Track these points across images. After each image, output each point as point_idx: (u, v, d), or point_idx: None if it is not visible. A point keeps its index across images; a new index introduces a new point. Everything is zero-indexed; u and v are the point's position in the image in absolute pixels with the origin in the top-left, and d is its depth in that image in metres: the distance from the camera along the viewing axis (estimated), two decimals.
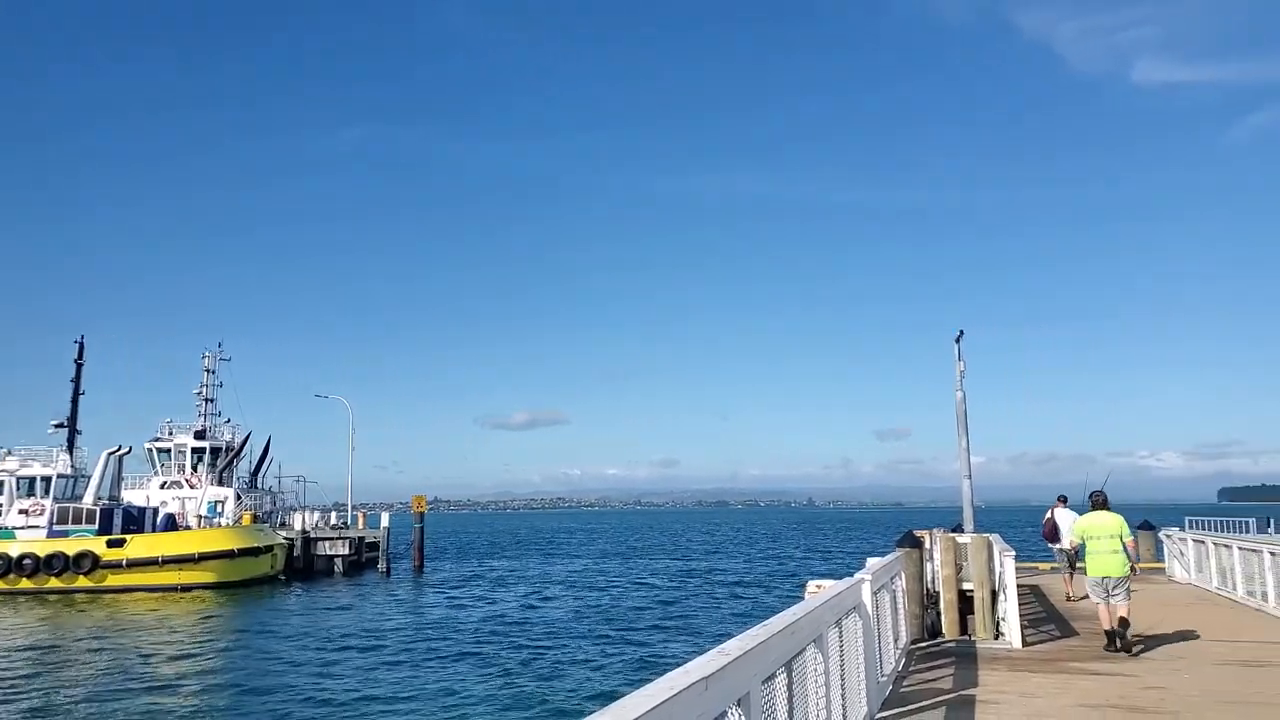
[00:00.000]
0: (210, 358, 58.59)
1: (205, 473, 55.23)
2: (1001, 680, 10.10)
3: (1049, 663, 11.28)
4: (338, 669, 23.72)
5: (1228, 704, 8.83)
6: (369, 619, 33.82)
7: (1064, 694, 9.39)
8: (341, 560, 54.85)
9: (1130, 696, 9.23)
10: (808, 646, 5.87)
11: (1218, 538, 19.81)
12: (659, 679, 3.25)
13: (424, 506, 58.46)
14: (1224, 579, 18.68)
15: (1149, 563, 27.26)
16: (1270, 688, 9.61)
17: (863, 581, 8.52)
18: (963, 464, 24.60)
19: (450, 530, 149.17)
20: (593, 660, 24.85)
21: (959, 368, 25.37)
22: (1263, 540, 17.81)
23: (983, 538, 15.56)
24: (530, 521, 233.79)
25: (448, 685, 21.52)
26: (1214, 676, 10.26)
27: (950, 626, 15.28)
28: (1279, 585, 15.40)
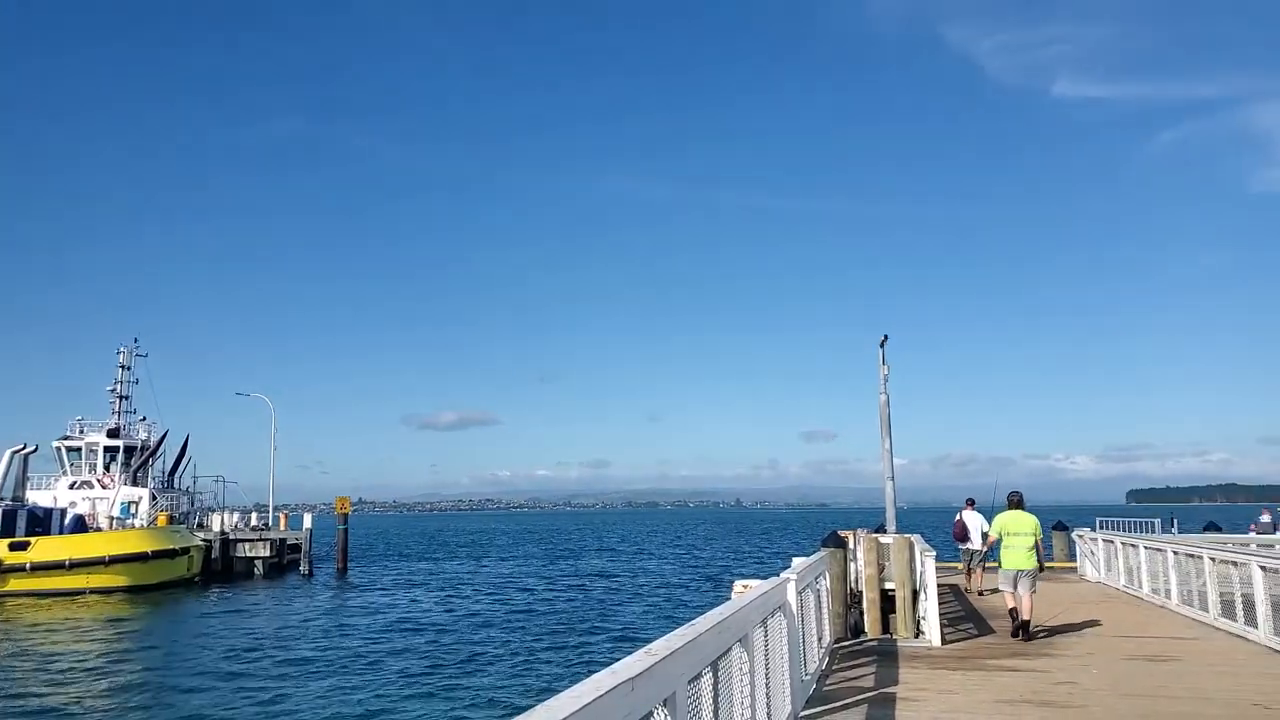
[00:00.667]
0: (125, 353, 56.46)
1: (118, 472, 53.24)
2: (921, 678, 10.33)
3: (967, 660, 11.58)
4: (252, 675, 23.10)
5: (1133, 697, 9.19)
6: (288, 623, 33.03)
7: (981, 690, 9.65)
8: (262, 562, 53.48)
9: (1043, 692, 9.53)
10: (734, 646, 5.92)
11: (1125, 537, 20.59)
12: (586, 680, 3.24)
13: (348, 507, 57.33)
14: (1131, 577, 19.42)
15: (1062, 562, 28.23)
16: (1172, 681, 10.03)
17: (788, 581, 8.63)
18: (886, 466, 25.11)
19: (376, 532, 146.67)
20: (519, 662, 24.70)
21: (883, 371, 25.89)
22: (1166, 540, 18.57)
23: (904, 538, 15.89)
24: (458, 523, 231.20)
25: (369, 690, 21.14)
26: (1121, 671, 10.66)
27: (873, 625, 15.57)
28: (1181, 583, 16.07)
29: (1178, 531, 27.26)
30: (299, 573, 53.33)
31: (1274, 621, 12.10)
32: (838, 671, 10.87)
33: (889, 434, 25.67)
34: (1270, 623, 12.20)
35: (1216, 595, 14.24)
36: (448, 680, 22.19)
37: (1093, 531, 24.22)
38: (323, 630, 31.00)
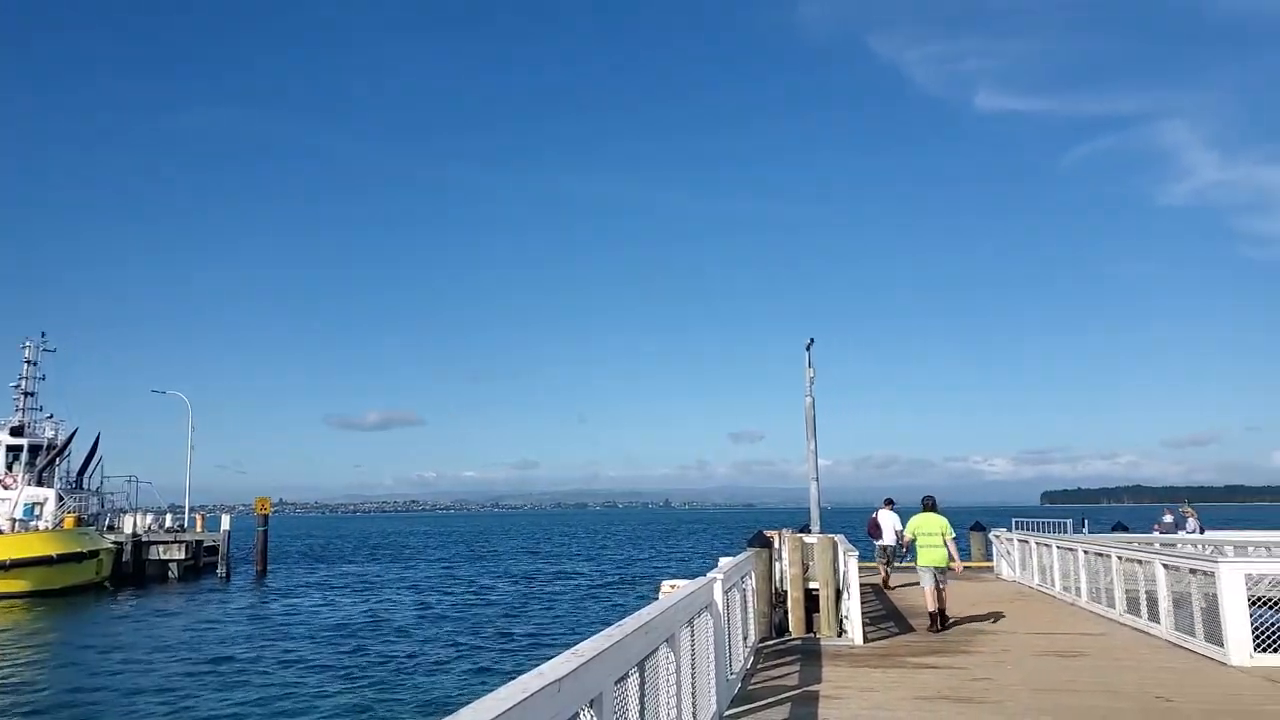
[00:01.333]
0: (31, 348, 54.02)
1: (22, 472, 50.93)
2: (844, 676, 10.51)
3: (887, 658, 11.82)
4: (161, 683, 22.34)
5: (1044, 691, 9.50)
6: (202, 627, 32.04)
7: (900, 687, 9.87)
8: (176, 565, 51.79)
9: (960, 688, 9.79)
10: (660, 646, 5.94)
11: (1039, 537, 21.27)
12: (512, 682, 3.21)
13: (269, 508, 55.88)
14: (1044, 576, 20.06)
15: (979, 561, 29.01)
16: (1081, 676, 10.40)
17: (715, 581, 8.70)
18: (811, 466, 25.55)
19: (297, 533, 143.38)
20: (444, 665, 24.40)
21: (809, 374, 26.34)
22: (1077, 540, 19.24)
23: (828, 538, 16.16)
24: (382, 524, 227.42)
25: (286, 696, 20.65)
26: (1033, 667, 11.01)
27: (797, 624, 15.80)
28: (1090, 581, 16.67)
29: (1088, 531, 28.25)
30: (216, 576, 51.80)
31: (1174, 617, 12.64)
32: (762, 671, 10.99)
33: (814, 435, 26.12)
34: (1171, 618, 12.73)
35: (1123, 592, 14.81)
36: (370, 685, 21.80)
37: (1008, 532, 24.96)
38: (238, 635, 30.16)
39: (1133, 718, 8.32)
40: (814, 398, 26.16)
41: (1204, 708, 8.68)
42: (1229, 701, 8.94)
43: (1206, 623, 11.59)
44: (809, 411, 26.03)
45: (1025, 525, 30.31)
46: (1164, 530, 26.47)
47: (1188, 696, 9.17)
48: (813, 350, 26.43)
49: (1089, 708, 8.71)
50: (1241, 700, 9.00)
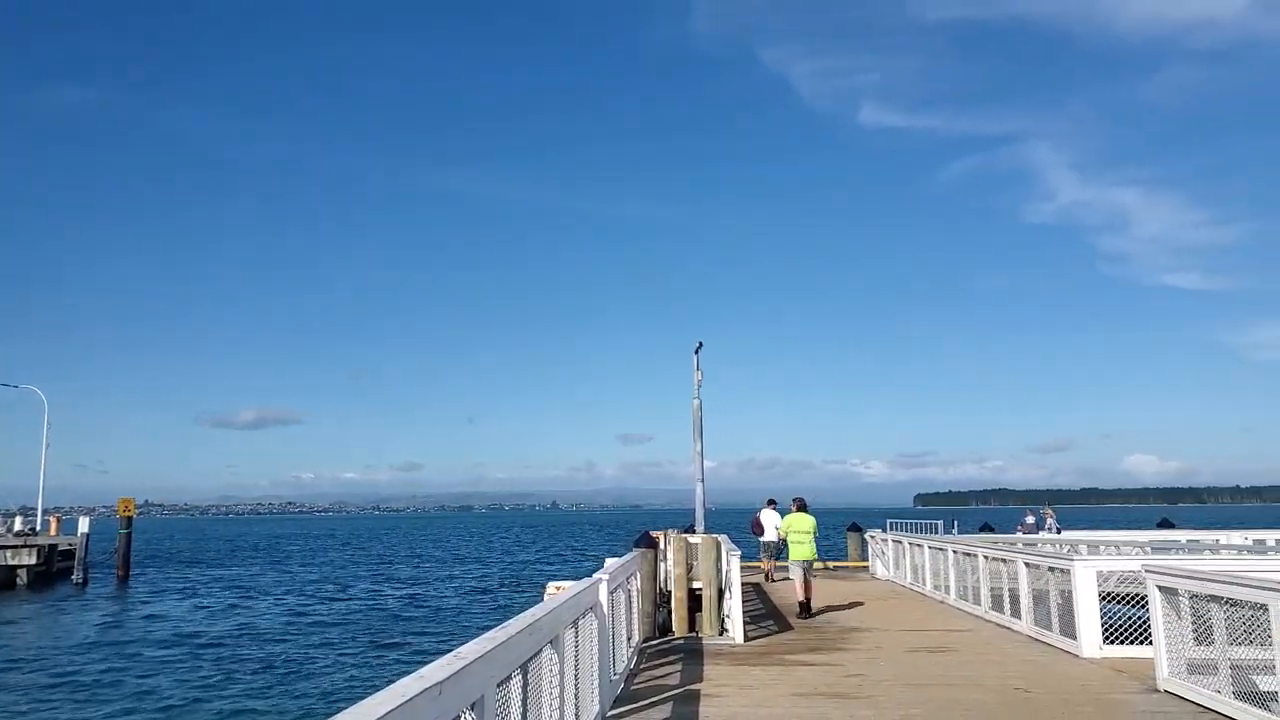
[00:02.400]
0: None
1: None
2: (725, 674, 10.70)
3: (767, 656, 12.09)
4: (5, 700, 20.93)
5: (915, 686, 9.89)
6: (54, 637, 30.13)
7: (779, 684, 10.11)
8: (26, 571, 48.50)
9: (836, 684, 10.10)
10: (544, 647, 5.93)
11: (911, 538, 22.13)
12: (391, 686, 3.15)
13: (132, 510, 53.00)
14: (916, 575, 20.88)
15: (856, 561, 29.96)
16: (949, 670, 10.88)
17: (600, 581, 8.73)
18: (697, 468, 25.88)
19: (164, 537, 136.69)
20: (320, 673, 23.66)
21: (697, 377, 26.70)
22: (947, 540, 20.09)
23: (712, 538, 16.41)
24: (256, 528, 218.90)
25: (150, 709, 19.64)
26: (905, 662, 11.46)
27: (680, 624, 15.98)
28: (959, 580, 17.45)
29: (957, 532, 29.53)
30: (72, 582, 48.82)
31: (1034, 613, 13.36)
32: (645, 670, 11.08)
33: (700, 437, 26.48)
34: (1031, 614, 13.45)
35: (988, 590, 15.56)
36: (239, 695, 20.95)
37: (883, 533, 25.88)
38: (95, 644, 28.49)
39: (994, 708, 8.75)
40: (701, 400, 26.54)
41: (1057, 697, 9.21)
42: (1079, 691, 9.52)
43: (1062, 618, 12.29)
44: (696, 414, 26.37)
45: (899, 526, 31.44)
46: (1026, 531, 27.92)
47: (1043, 687, 9.71)
48: (701, 354, 26.81)
49: (955, 700, 9.12)
50: (1090, 689, 9.59)
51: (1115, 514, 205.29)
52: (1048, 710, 8.63)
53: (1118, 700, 9.07)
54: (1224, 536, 24.75)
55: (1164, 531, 27.38)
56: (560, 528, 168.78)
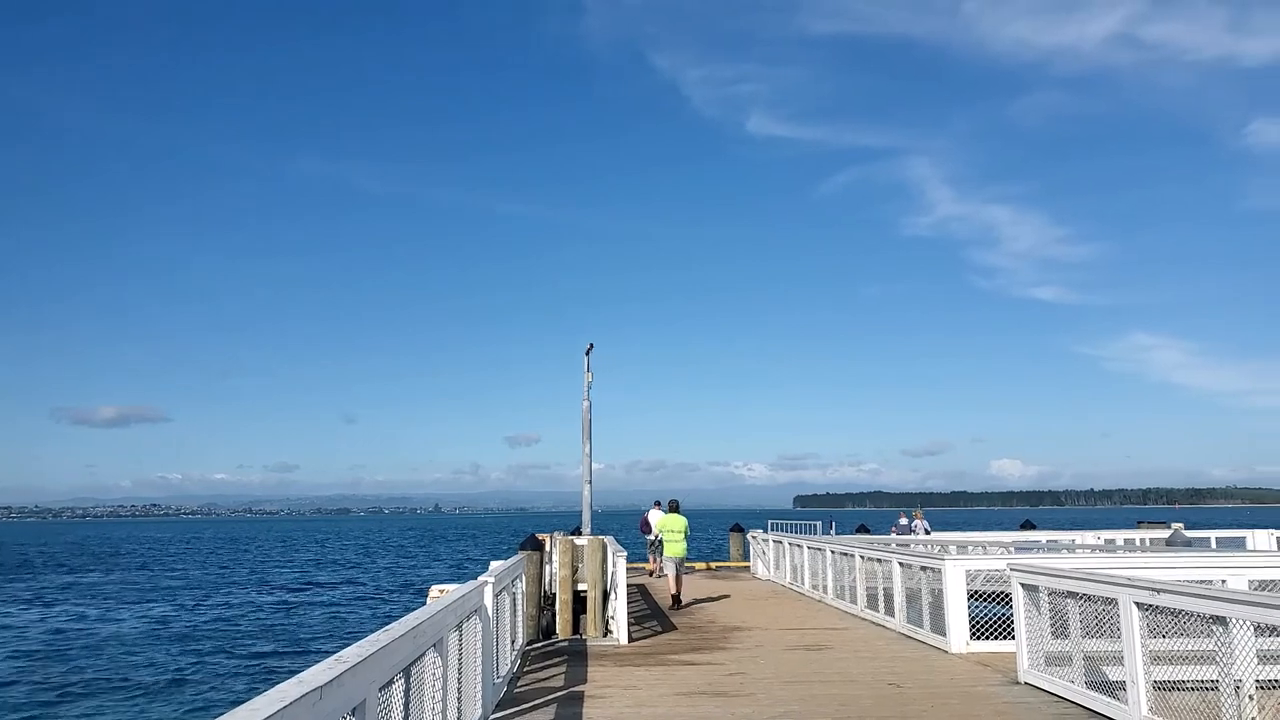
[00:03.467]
0: None
1: None
2: (608, 675, 10.74)
3: (650, 656, 12.19)
4: None
5: (793, 683, 10.15)
6: None
7: (662, 684, 10.21)
8: None
9: (717, 683, 10.27)
10: (428, 651, 5.83)
11: (791, 538, 22.69)
12: (269, 690, 3.05)
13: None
14: (795, 575, 21.43)
15: (738, 561, 30.54)
16: (825, 667, 11.21)
17: (485, 584, 8.64)
18: (585, 470, 25.89)
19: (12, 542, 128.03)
20: (185, 686, 22.57)
21: (587, 379, 26.72)
22: (825, 540, 20.67)
23: (599, 540, 16.46)
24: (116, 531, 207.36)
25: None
26: (784, 660, 11.74)
27: (564, 626, 15.98)
28: (836, 579, 17.99)
29: (835, 533, 30.43)
30: None
31: (907, 611, 13.90)
32: (529, 673, 11.01)
33: (589, 439, 26.52)
34: (904, 612, 13.98)
35: (864, 589, 16.10)
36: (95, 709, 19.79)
37: (764, 533, 26.44)
38: None
39: (867, 703, 9.07)
40: (591, 402, 26.57)
41: (926, 690, 9.61)
42: (946, 684, 9.96)
43: (933, 615, 12.83)
44: (585, 415, 26.38)
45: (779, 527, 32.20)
46: (900, 532, 28.99)
47: (914, 681, 10.12)
48: (591, 355, 26.84)
49: (830, 696, 9.41)
50: (956, 682, 10.05)
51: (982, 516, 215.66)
52: (916, 703, 9.00)
53: (981, 692, 9.52)
54: (1079, 536, 26.30)
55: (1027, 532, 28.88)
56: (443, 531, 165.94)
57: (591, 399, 26.20)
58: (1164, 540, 25.58)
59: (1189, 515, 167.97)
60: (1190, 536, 25.98)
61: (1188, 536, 25.82)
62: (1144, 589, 8.01)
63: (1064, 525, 37.42)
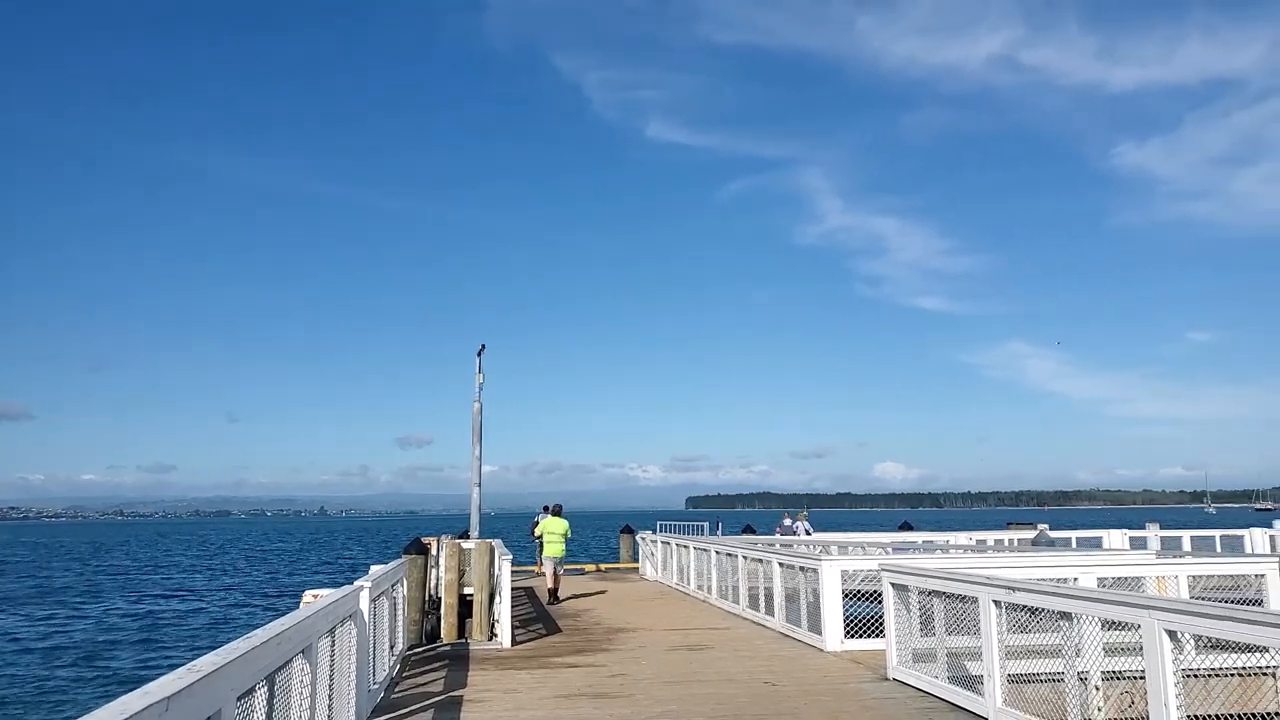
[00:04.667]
0: None
1: None
2: (489, 679, 10.68)
3: (533, 659, 12.18)
4: None
5: (673, 683, 10.30)
6: None
7: (543, 687, 10.22)
8: None
9: (598, 684, 10.33)
10: (296, 657, 5.70)
11: (679, 539, 22.98)
12: (111, 703, 2.95)
13: None
14: (682, 576, 21.71)
15: (628, 563, 30.73)
16: (705, 667, 11.41)
17: (361, 589, 8.49)
18: (474, 472, 25.61)
19: None
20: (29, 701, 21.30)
21: (478, 379, 26.44)
22: (710, 541, 21.02)
23: (486, 543, 16.33)
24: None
25: None
26: (666, 660, 11.90)
27: (449, 630, 15.80)
28: (721, 580, 18.31)
29: (721, 534, 30.95)
30: None
31: (786, 610, 14.26)
32: (409, 678, 10.86)
33: (479, 441, 26.23)
34: (784, 612, 14.35)
35: (746, 589, 16.44)
36: None
37: (653, 535, 26.69)
38: None
39: (742, 701, 9.28)
40: (482, 403, 26.30)
41: (800, 688, 9.90)
42: (820, 681, 10.28)
43: (810, 615, 13.21)
44: (476, 417, 26.10)
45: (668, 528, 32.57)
46: (784, 532, 29.70)
47: (789, 679, 10.40)
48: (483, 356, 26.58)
49: (707, 695, 9.59)
50: (829, 680, 10.38)
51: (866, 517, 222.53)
52: (789, 700, 9.27)
53: (852, 689, 9.86)
54: (953, 537, 27.48)
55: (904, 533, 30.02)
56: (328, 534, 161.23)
57: (483, 400, 25.96)
58: (1030, 540, 27.00)
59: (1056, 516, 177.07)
60: (1054, 537, 27.48)
61: (1051, 537, 27.31)
62: (1000, 587, 8.45)
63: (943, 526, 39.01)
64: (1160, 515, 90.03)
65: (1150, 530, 28.38)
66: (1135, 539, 26.83)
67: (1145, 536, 27.22)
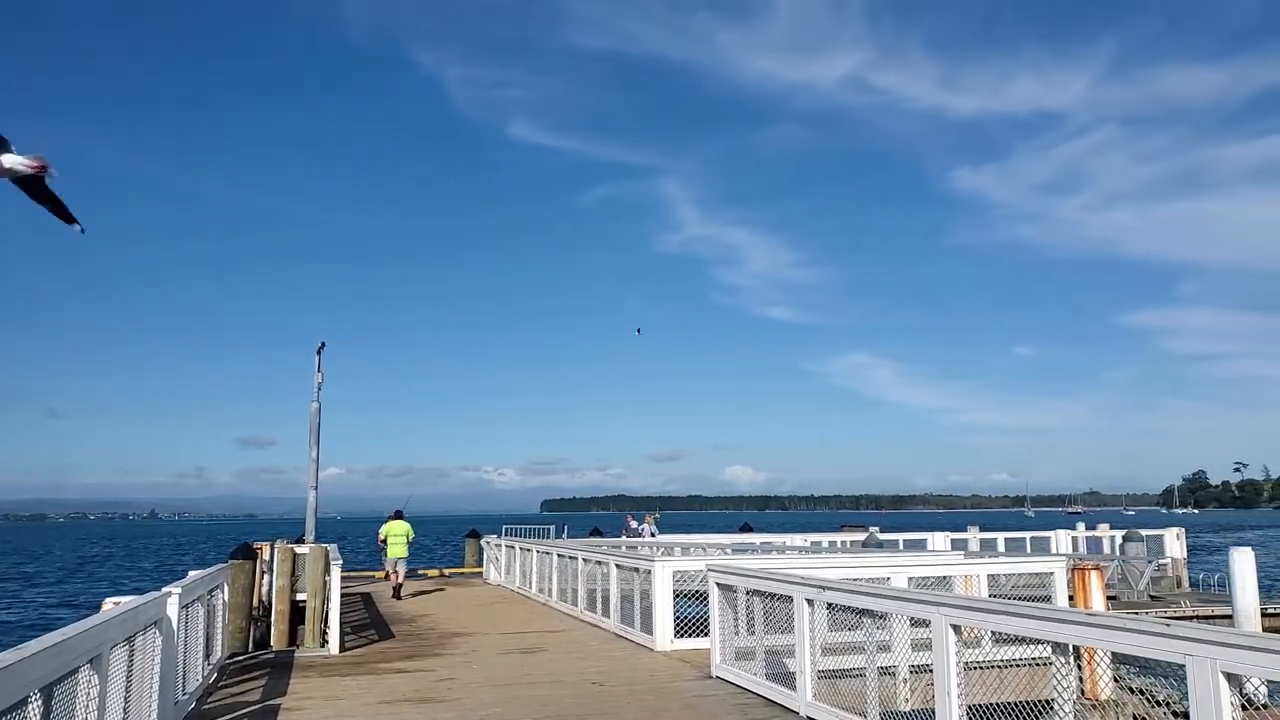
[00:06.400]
0: None
1: None
2: (312, 686, 10.38)
3: (361, 665, 11.92)
4: None
5: (501, 686, 10.30)
6: None
7: (368, 693, 10.02)
8: None
9: (426, 689, 10.22)
10: (82, 667, 5.42)
11: (522, 543, 22.97)
12: None
13: None
14: (525, 579, 21.68)
15: (472, 567, 30.45)
16: (536, 669, 11.46)
17: (169, 595, 8.12)
18: (311, 475, 24.76)
19: None
20: None
21: (318, 378, 25.59)
22: (553, 544, 21.12)
23: (321, 548, 15.88)
24: None
25: None
26: (498, 664, 11.89)
27: (279, 637, 15.28)
28: (561, 582, 18.41)
29: (567, 536, 31.11)
30: None
31: (621, 611, 14.48)
32: (225, 688, 10.43)
33: (317, 442, 25.38)
34: (619, 613, 14.56)
35: (585, 591, 16.59)
36: None
37: (498, 539, 26.55)
38: None
39: (568, 702, 9.39)
40: (321, 403, 25.48)
41: (626, 688, 10.10)
42: (646, 680, 10.52)
43: (643, 615, 13.46)
44: (314, 417, 25.27)
45: (518, 532, 32.46)
46: (630, 534, 30.11)
47: (617, 679, 10.59)
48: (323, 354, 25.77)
49: (534, 697, 9.65)
50: (656, 679, 10.63)
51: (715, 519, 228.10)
52: (614, 700, 9.44)
53: (676, 687, 10.13)
54: (790, 539, 28.56)
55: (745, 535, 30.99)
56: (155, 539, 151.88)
57: (323, 401, 25.17)
58: (861, 542, 28.41)
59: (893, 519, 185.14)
60: (883, 538, 29.01)
61: (880, 539, 28.81)
62: (813, 587, 8.89)
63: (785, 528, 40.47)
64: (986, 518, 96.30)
65: (971, 533, 30.36)
66: (957, 540, 28.61)
67: (966, 538, 29.10)
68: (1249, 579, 17.02)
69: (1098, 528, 31.46)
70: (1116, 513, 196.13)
